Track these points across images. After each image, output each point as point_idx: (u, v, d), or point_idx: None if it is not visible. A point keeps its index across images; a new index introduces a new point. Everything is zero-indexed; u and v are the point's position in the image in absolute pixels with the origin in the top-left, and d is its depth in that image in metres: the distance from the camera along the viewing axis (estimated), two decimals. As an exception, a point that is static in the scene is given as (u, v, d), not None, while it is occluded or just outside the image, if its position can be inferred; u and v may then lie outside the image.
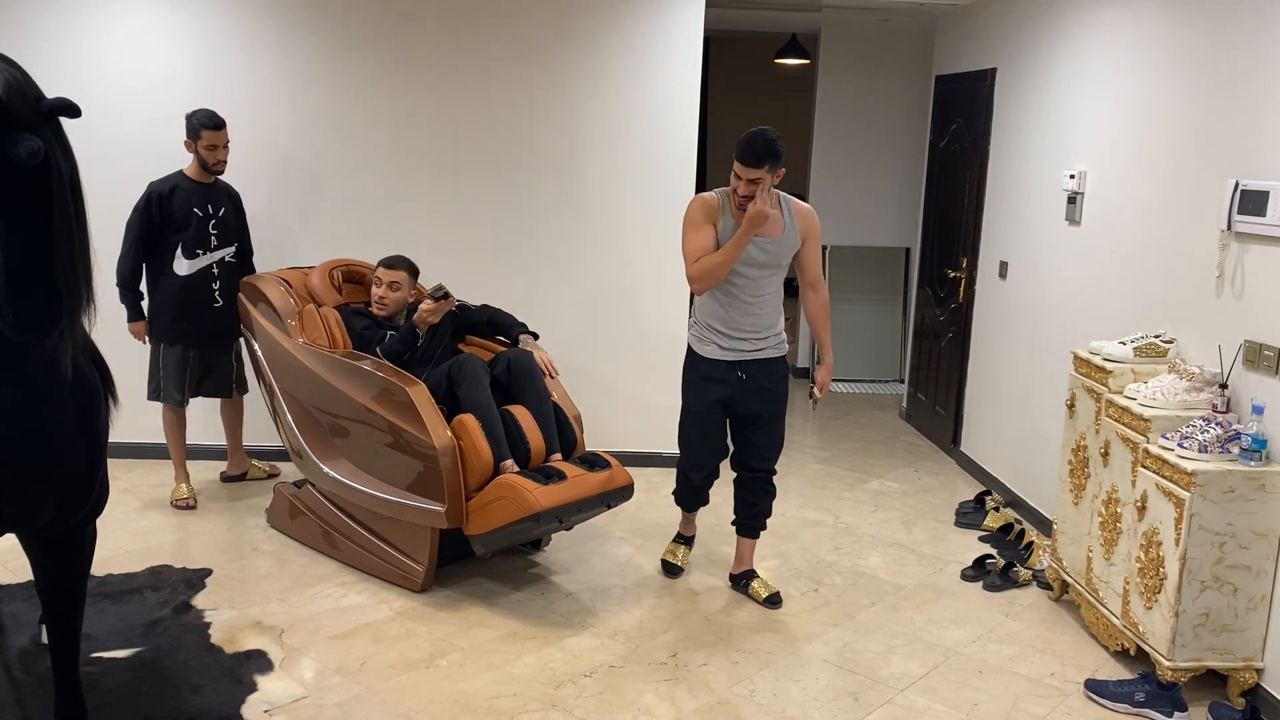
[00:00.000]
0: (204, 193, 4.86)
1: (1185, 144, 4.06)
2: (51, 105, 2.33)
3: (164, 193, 4.77)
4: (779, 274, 4.03)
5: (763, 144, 3.76)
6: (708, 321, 4.06)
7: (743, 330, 4.01)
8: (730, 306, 3.99)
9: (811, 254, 4.06)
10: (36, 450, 2.55)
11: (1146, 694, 3.51)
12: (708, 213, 3.95)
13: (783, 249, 3.97)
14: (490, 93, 5.58)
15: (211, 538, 4.68)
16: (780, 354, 4.13)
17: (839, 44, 7.87)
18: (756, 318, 4.01)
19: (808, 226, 4.02)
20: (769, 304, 4.03)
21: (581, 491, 3.98)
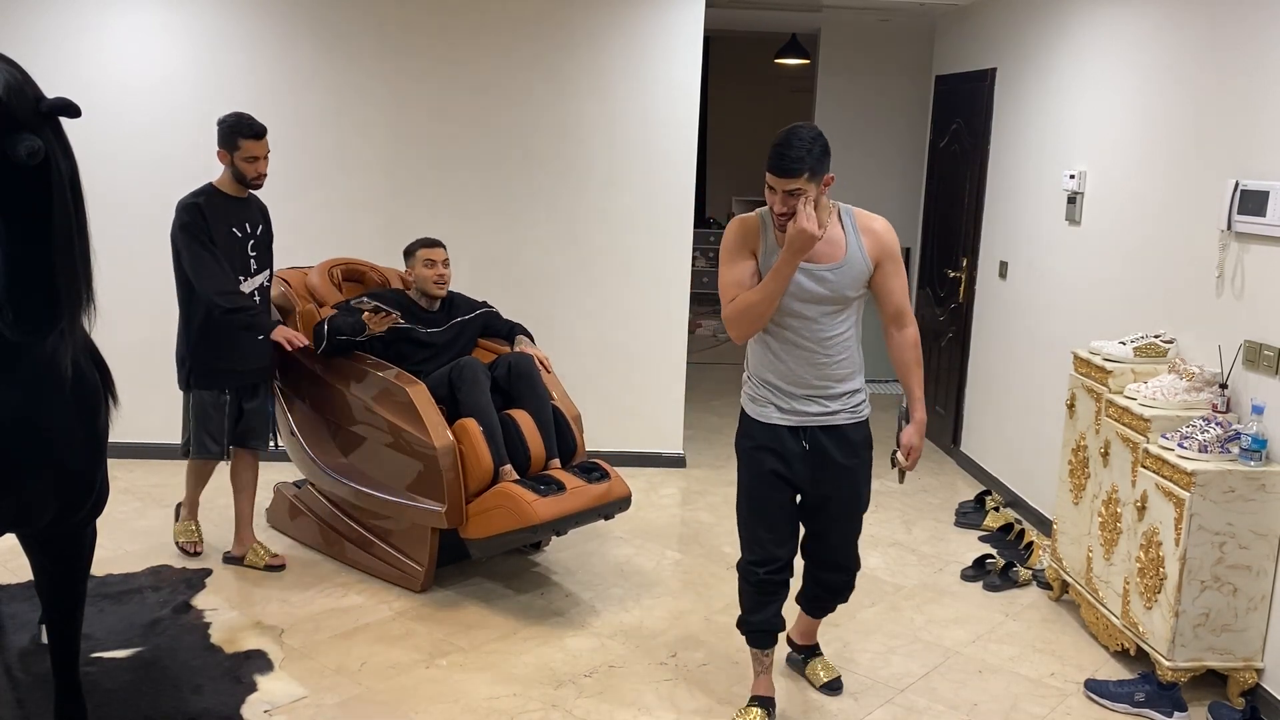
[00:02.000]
0: (239, 210, 4.22)
1: (1185, 144, 4.05)
2: (51, 105, 2.32)
3: (201, 207, 4.08)
4: (848, 311, 3.11)
5: (799, 145, 2.89)
6: (762, 376, 3.18)
7: (806, 386, 3.12)
8: (787, 356, 3.11)
9: (890, 281, 3.11)
10: (37, 450, 2.55)
11: (1146, 694, 3.51)
12: (745, 238, 3.09)
13: (846, 277, 3.04)
14: (490, 92, 5.58)
15: (211, 538, 4.67)
16: (859, 418, 3.20)
17: (839, 44, 7.87)
18: (823, 369, 3.11)
19: (881, 246, 3.08)
20: (839, 350, 3.11)
21: (580, 503, 4.01)
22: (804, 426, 3.15)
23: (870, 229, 3.09)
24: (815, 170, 2.90)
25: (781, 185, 2.92)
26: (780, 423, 3.15)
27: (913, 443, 3.21)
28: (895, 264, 3.11)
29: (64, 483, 2.64)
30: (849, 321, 3.12)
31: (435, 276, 4.44)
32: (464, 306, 4.61)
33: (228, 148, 4.16)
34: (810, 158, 2.89)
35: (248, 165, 4.15)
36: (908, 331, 3.20)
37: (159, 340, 5.56)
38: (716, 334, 9.60)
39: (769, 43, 9.13)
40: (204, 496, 5.16)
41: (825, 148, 2.93)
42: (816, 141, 2.92)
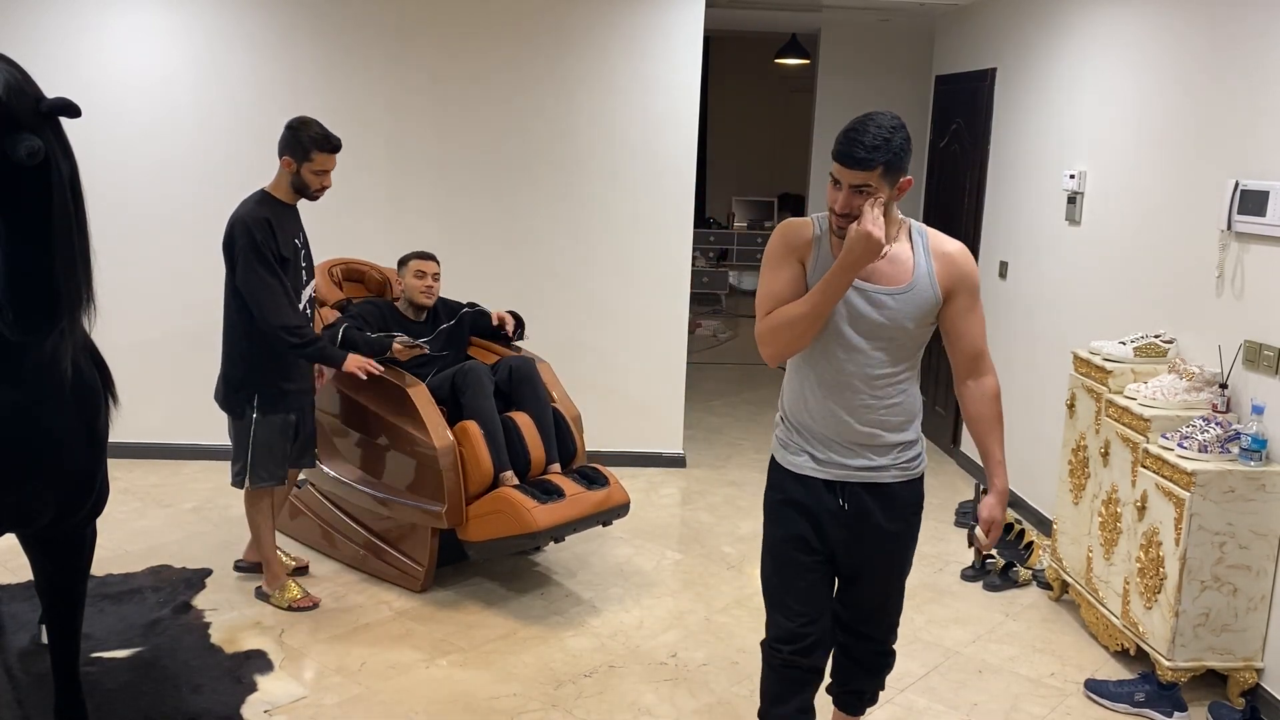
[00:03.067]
0: (295, 218, 3.96)
1: (1185, 144, 4.05)
2: (51, 105, 2.32)
3: (270, 220, 3.80)
4: (908, 347, 2.56)
5: (876, 132, 2.38)
6: (797, 417, 2.65)
7: (849, 434, 2.59)
8: (829, 395, 2.57)
9: (964, 318, 2.57)
10: (36, 450, 2.55)
11: (1146, 694, 3.51)
12: (793, 244, 2.57)
13: (909, 306, 2.51)
14: (490, 92, 5.58)
15: (211, 538, 4.68)
16: (911, 475, 2.68)
17: (839, 44, 7.87)
18: (871, 414, 2.57)
19: (957, 274, 2.54)
20: (892, 393, 2.57)
21: (579, 511, 4.03)
22: (843, 482, 2.61)
23: (945, 253, 2.55)
24: (892, 166, 2.38)
25: (848, 178, 2.40)
26: (815, 474, 2.61)
27: (994, 517, 2.66)
28: (972, 298, 2.57)
29: (64, 483, 2.64)
30: (908, 360, 2.57)
31: (423, 288, 4.47)
32: (445, 313, 4.62)
33: (297, 156, 3.85)
34: (888, 149, 2.36)
35: (315, 178, 3.88)
36: (986, 382, 2.63)
37: (159, 340, 5.59)
38: (716, 334, 9.60)
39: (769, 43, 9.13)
40: (204, 496, 5.17)
41: (906, 142, 2.40)
42: (898, 132, 2.39)
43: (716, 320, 9.99)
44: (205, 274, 5.51)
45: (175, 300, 5.56)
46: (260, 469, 3.93)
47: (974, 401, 2.65)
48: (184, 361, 5.59)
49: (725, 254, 11.10)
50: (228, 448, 5.58)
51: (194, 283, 5.54)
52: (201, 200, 5.51)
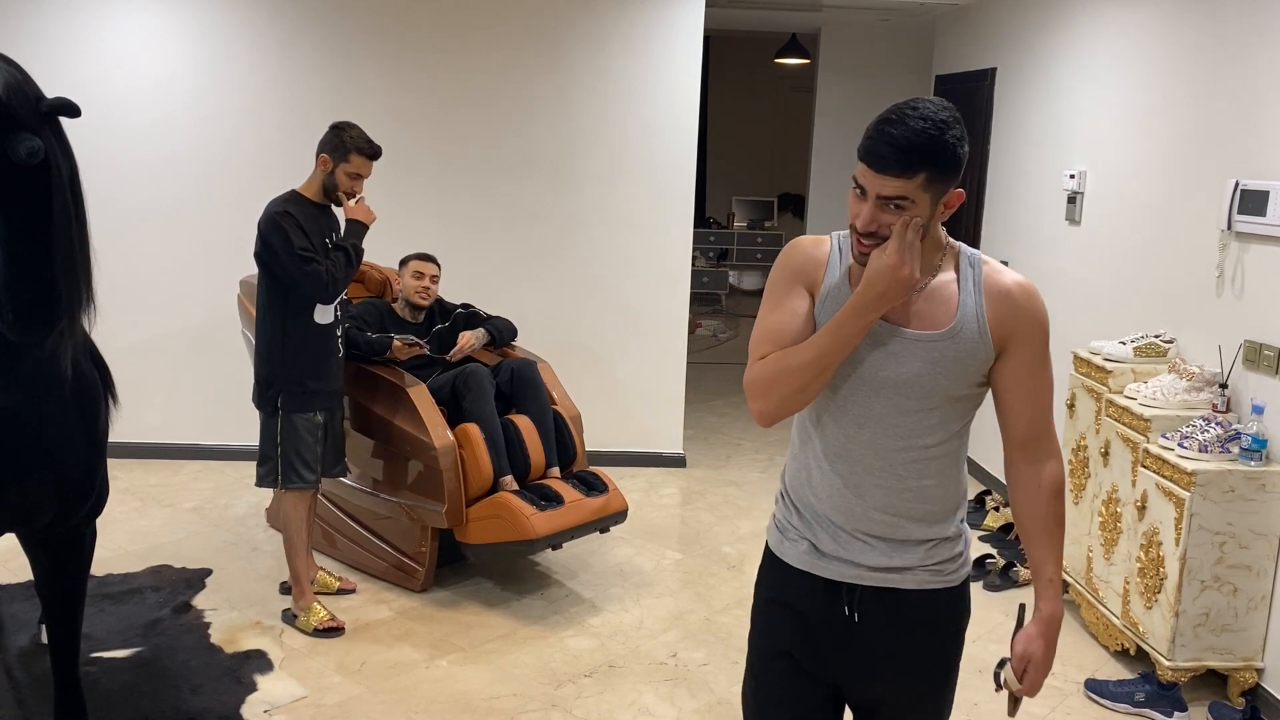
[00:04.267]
0: (325, 218, 3.89)
1: (1185, 144, 4.05)
2: (51, 105, 2.32)
3: (296, 217, 3.73)
4: (947, 413, 1.90)
5: (919, 127, 1.73)
6: (799, 493, 2.00)
7: (863, 521, 1.93)
8: (840, 467, 1.93)
9: (1023, 381, 1.92)
10: (36, 450, 2.55)
11: (1146, 694, 3.51)
12: (800, 270, 1.94)
13: (948, 359, 1.86)
14: (490, 92, 5.58)
15: (211, 538, 4.68)
16: (946, 583, 1.97)
17: (839, 44, 7.87)
18: (895, 496, 1.91)
19: (1014, 320, 1.89)
20: (922, 471, 1.91)
21: (577, 518, 4.05)
22: (853, 584, 1.94)
23: (1003, 291, 1.88)
24: (938, 173, 1.75)
25: (876, 186, 1.76)
26: (815, 571, 1.96)
27: (1034, 654, 1.97)
28: (1036, 355, 1.91)
29: (64, 483, 2.64)
30: (947, 430, 1.90)
31: (420, 289, 4.48)
32: (440, 313, 4.62)
33: (335, 157, 3.79)
34: (934, 150, 1.73)
35: (347, 180, 3.81)
36: (1046, 470, 1.95)
37: (159, 340, 5.59)
38: (716, 334, 9.60)
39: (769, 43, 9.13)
40: (204, 496, 5.17)
41: (961, 141, 1.76)
42: (950, 128, 1.74)
43: (716, 320, 9.99)
44: (205, 274, 5.52)
45: (175, 300, 5.56)
46: (292, 470, 3.83)
47: (1027, 496, 1.96)
48: (183, 361, 5.59)
49: (725, 254, 11.10)
50: (227, 447, 5.65)
51: (194, 282, 5.54)
52: (201, 200, 5.52)
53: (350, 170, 3.80)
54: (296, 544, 3.90)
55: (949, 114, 1.75)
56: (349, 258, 3.81)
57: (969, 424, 1.96)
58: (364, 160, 3.81)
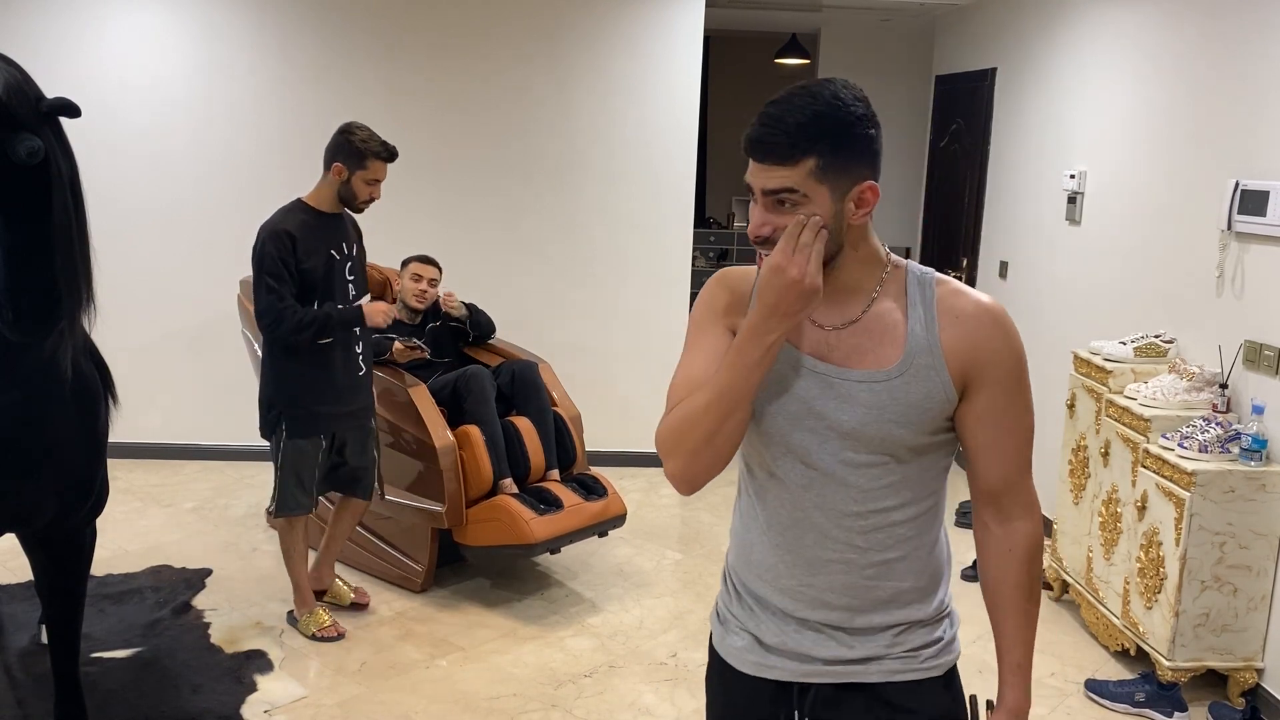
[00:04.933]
0: (336, 228, 3.68)
1: (1185, 144, 4.05)
2: (51, 105, 2.32)
3: (293, 232, 3.55)
4: (910, 467, 1.55)
5: (802, 107, 1.42)
6: (740, 575, 1.68)
7: (815, 603, 1.58)
8: (784, 539, 1.58)
9: (991, 423, 1.55)
10: (36, 451, 2.55)
11: (1146, 694, 3.51)
12: (721, 306, 1.62)
13: (901, 400, 1.51)
14: (490, 92, 5.58)
15: (211, 538, 4.67)
16: (928, 671, 1.66)
17: (839, 44, 7.86)
18: (849, 573, 1.57)
19: (975, 350, 1.53)
20: (885, 541, 1.56)
21: (576, 523, 4.06)
22: (804, 684, 1.61)
23: (961, 314, 1.51)
24: (830, 157, 1.41)
25: (760, 179, 1.45)
26: (757, 672, 1.65)
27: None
28: (1005, 393, 1.52)
29: (64, 483, 2.64)
30: (917, 488, 1.55)
31: (417, 291, 4.48)
32: (434, 314, 4.63)
33: (350, 164, 3.59)
34: (819, 130, 1.40)
35: (366, 187, 3.64)
36: (1018, 531, 1.59)
37: (158, 340, 5.59)
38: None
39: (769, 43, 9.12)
40: (204, 496, 5.17)
41: (861, 121, 1.43)
42: (843, 107, 1.42)
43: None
44: (205, 274, 5.52)
45: (175, 300, 5.56)
46: (286, 496, 3.71)
47: (995, 561, 1.61)
48: (183, 361, 5.59)
49: (725, 254, 11.10)
50: (227, 447, 5.65)
51: (194, 283, 5.54)
52: (201, 200, 5.52)
53: (368, 177, 3.63)
54: (293, 556, 3.85)
55: (850, 93, 1.44)
56: (322, 328, 3.57)
57: (943, 480, 1.58)
58: (380, 164, 3.63)
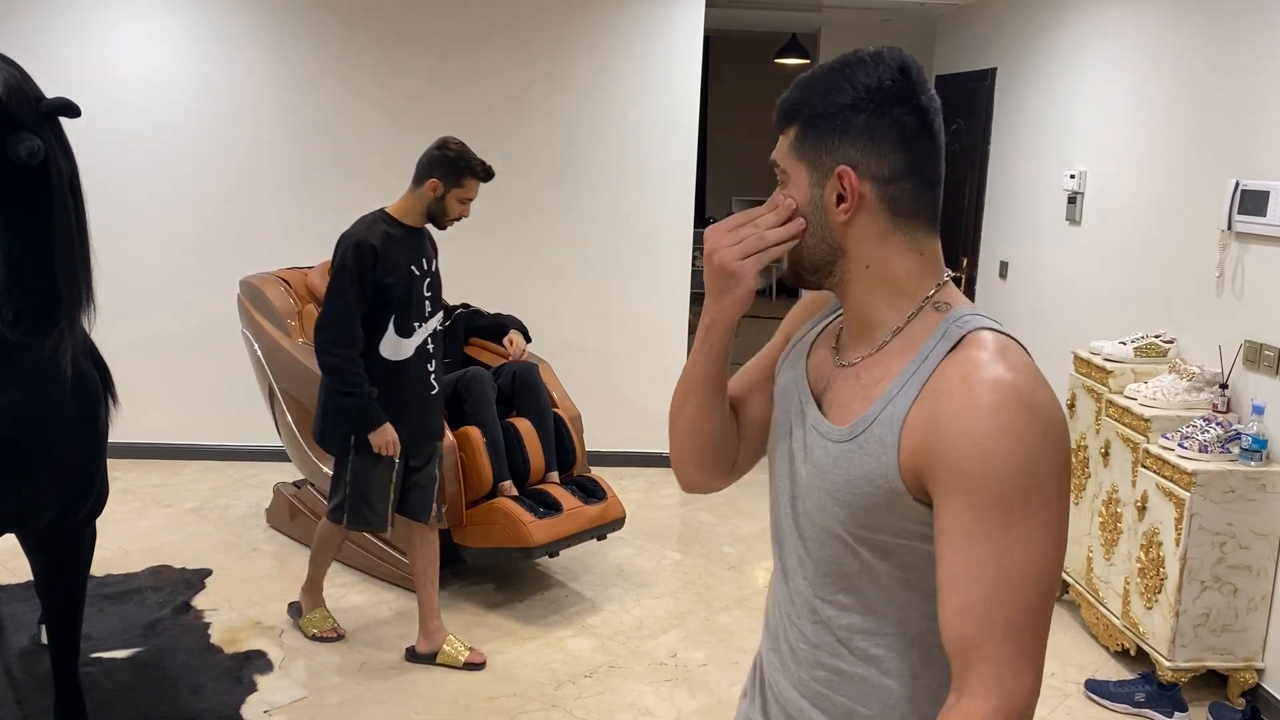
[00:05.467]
0: (416, 243, 3.52)
1: (1185, 144, 4.05)
2: (51, 105, 2.33)
3: (376, 245, 3.36)
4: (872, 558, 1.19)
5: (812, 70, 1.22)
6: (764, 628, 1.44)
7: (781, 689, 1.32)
8: (769, 602, 1.39)
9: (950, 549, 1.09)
10: (36, 451, 2.55)
11: (1147, 694, 3.51)
12: (793, 313, 1.48)
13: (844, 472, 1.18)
14: (489, 92, 5.58)
15: (211, 538, 4.67)
16: None
17: (839, 44, 7.86)
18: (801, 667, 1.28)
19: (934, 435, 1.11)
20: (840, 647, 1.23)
21: (575, 526, 4.07)
22: None
23: (947, 384, 1.13)
24: (808, 127, 1.19)
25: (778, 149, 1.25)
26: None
27: None
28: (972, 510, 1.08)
29: (63, 483, 2.64)
30: (885, 589, 1.21)
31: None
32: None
33: (448, 181, 3.47)
34: (806, 95, 1.20)
35: (459, 206, 3.52)
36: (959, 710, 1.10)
37: (159, 340, 5.59)
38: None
39: (769, 43, 9.13)
40: (204, 496, 5.18)
41: (854, 90, 1.17)
42: (842, 74, 1.18)
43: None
44: (205, 274, 5.52)
45: (175, 300, 5.56)
46: (357, 513, 3.53)
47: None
48: (183, 362, 5.59)
49: (725, 254, 11.10)
50: (227, 447, 5.65)
51: (194, 283, 5.54)
52: (202, 200, 5.52)
53: (463, 195, 3.51)
54: (323, 555, 3.78)
55: (876, 63, 1.17)
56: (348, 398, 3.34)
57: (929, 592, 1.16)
58: (476, 184, 3.53)
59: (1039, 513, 1.08)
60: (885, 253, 1.20)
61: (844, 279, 1.23)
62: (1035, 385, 1.11)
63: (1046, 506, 1.08)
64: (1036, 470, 1.08)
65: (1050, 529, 1.09)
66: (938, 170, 1.22)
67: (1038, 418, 1.09)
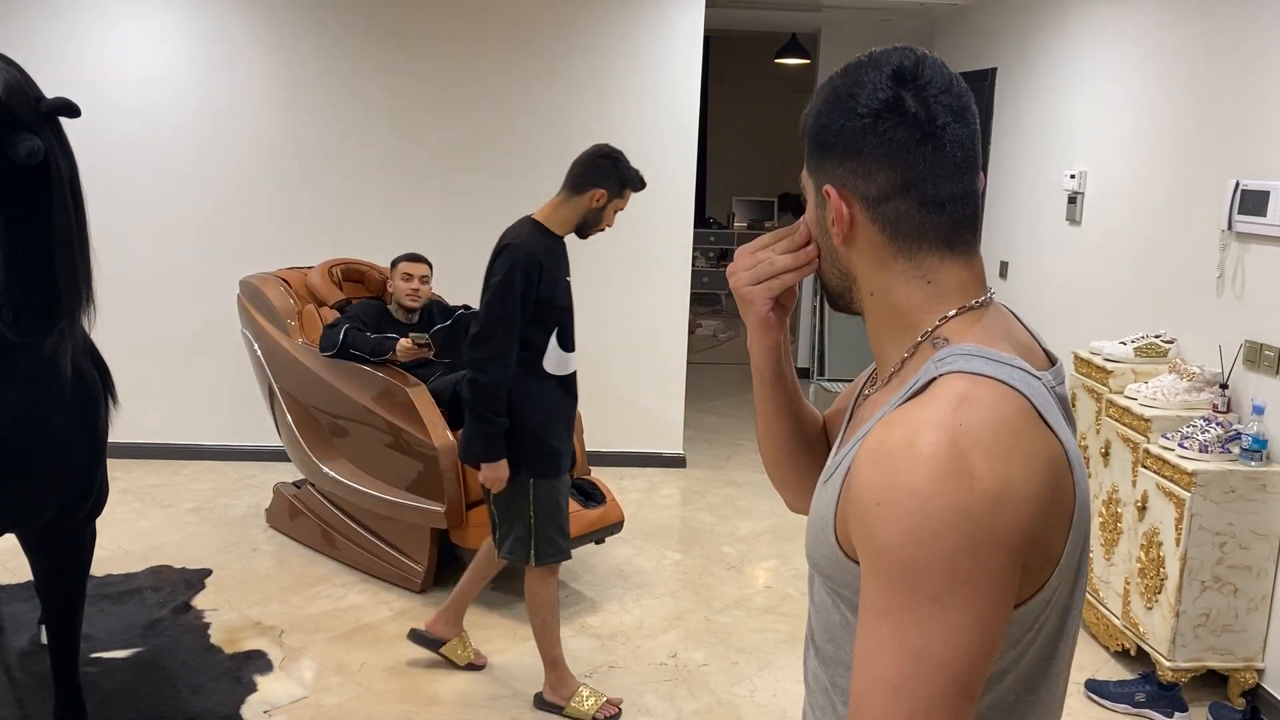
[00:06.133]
0: (563, 253, 3.42)
1: (1185, 144, 4.05)
2: (51, 105, 2.33)
3: (542, 260, 3.24)
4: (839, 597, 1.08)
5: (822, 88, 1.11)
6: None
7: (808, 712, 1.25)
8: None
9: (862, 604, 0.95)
10: (36, 451, 2.55)
11: (1147, 694, 3.51)
12: None
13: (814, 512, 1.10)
14: (490, 91, 5.58)
15: (211, 538, 4.67)
16: None
17: (839, 44, 7.86)
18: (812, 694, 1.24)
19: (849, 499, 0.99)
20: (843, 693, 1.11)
21: (574, 531, 4.03)
22: None
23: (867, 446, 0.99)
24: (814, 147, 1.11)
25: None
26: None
27: None
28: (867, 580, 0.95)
29: (63, 483, 2.64)
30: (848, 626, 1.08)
31: (409, 291, 4.47)
32: (440, 314, 4.63)
33: (613, 191, 3.33)
34: (814, 108, 1.12)
35: (612, 216, 3.41)
36: None
37: (158, 340, 5.59)
38: (717, 334, 9.60)
39: (769, 43, 9.12)
40: (204, 496, 5.18)
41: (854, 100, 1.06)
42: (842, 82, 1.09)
43: (716, 320, 9.99)
44: (205, 274, 5.52)
45: (175, 300, 5.56)
46: (549, 544, 3.27)
47: None
48: (183, 362, 5.59)
49: (725, 254, 11.09)
50: (227, 447, 5.65)
51: (194, 283, 5.55)
52: (202, 200, 5.52)
53: (620, 205, 3.39)
54: (550, 625, 3.35)
55: (839, 71, 1.10)
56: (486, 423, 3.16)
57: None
58: (634, 195, 3.42)
59: (952, 591, 0.90)
60: (887, 280, 1.09)
61: (862, 307, 1.14)
62: (975, 443, 0.92)
63: (964, 583, 0.90)
64: (948, 541, 0.90)
65: (969, 609, 0.90)
66: (949, 185, 1.05)
67: (960, 482, 0.90)
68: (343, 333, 4.22)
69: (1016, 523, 0.92)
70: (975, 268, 1.09)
